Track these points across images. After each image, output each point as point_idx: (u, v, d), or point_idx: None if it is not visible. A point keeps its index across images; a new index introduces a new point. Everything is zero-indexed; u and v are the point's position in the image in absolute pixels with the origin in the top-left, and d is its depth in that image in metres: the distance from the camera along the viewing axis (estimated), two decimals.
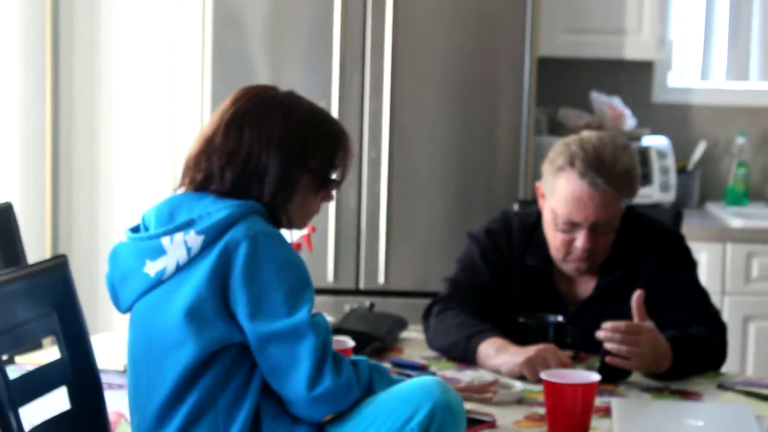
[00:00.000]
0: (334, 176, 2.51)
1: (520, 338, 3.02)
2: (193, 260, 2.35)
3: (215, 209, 2.36)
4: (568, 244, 3.13)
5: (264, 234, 2.34)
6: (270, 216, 2.43)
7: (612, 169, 3.08)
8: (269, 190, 2.41)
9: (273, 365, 2.33)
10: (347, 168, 2.53)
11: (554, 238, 3.16)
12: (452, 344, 3.06)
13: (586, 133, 3.17)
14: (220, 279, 2.32)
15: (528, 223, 3.26)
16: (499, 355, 2.95)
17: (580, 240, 3.11)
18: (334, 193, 2.54)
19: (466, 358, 3.03)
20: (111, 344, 2.99)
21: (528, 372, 2.87)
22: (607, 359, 2.88)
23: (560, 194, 3.10)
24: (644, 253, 3.20)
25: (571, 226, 3.11)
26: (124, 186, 4.70)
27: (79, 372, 2.47)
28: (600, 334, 2.88)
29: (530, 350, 2.91)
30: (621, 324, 2.87)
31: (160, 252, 2.36)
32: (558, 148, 3.14)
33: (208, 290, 2.32)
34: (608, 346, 2.87)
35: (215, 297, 2.32)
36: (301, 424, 2.36)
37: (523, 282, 3.22)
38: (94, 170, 4.71)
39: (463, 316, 3.09)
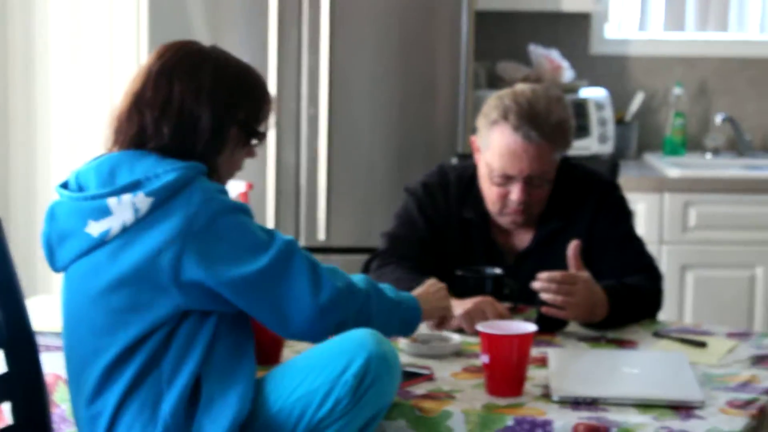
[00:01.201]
0: (260, 128, 2.52)
1: (458, 291, 3.03)
2: (140, 222, 2.33)
3: (163, 171, 2.35)
4: (504, 198, 3.15)
5: (216, 191, 2.35)
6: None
7: (545, 121, 3.09)
8: (202, 141, 2.42)
9: (273, 297, 2.34)
10: (269, 122, 2.56)
11: (490, 192, 3.17)
12: None
13: (520, 86, 3.19)
14: (180, 243, 2.31)
15: (465, 176, 3.27)
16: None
17: (515, 193, 3.12)
18: (256, 149, 2.56)
19: None
20: (47, 306, 2.97)
21: (466, 324, 2.89)
22: (543, 309, 2.90)
23: (495, 148, 3.12)
24: (581, 203, 3.22)
25: (506, 180, 3.13)
26: (61, 146, 4.66)
27: (14, 334, 2.46)
28: (536, 285, 2.90)
29: (467, 303, 2.93)
30: (556, 274, 2.89)
31: (105, 213, 2.34)
32: (492, 102, 3.15)
33: (166, 255, 2.30)
34: (544, 296, 2.89)
35: (169, 262, 2.31)
36: (239, 383, 2.36)
37: (461, 235, 3.24)
38: (30, 130, 4.66)
39: (401, 271, 3.10)
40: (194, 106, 2.42)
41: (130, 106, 2.44)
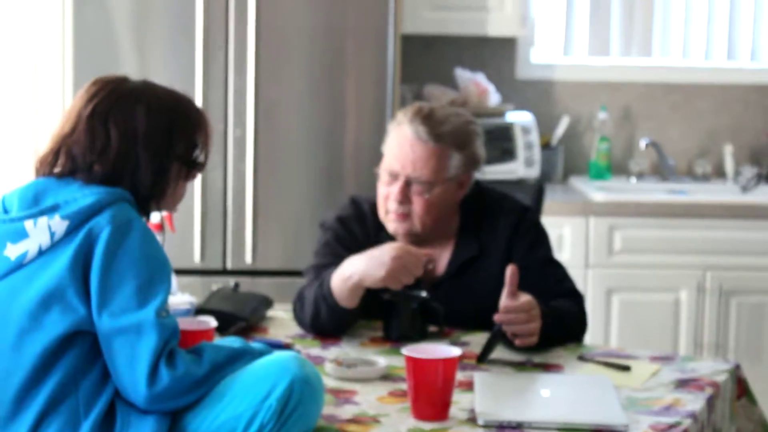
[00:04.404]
0: (199, 158, 2.51)
1: (386, 314, 3.04)
2: (56, 245, 2.32)
3: (81, 195, 2.34)
4: (388, 200, 3.14)
5: (127, 224, 2.32)
6: (139, 203, 2.42)
7: (439, 124, 3.09)
8: (145, 184, 2.41)
9: (114, 359, 2.30)
10: (209, 147, 2.54)
11: (379, 194, 3.17)
12: (315, 305, 3.03)
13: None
14: (82, 264, 2.30)
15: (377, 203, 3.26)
16: (355, 270, 2.95)
17: (393, 191, 3.11)
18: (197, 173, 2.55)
19: (329, 305, 2.99)
20: None
21: (394, 284, 2.90)
22: (518, 342, 2.89)
23: (389, 145, 3.14)
24: (495, 229, 3.21)
25: (392, 178, 3.12)
26: None
27: None
28: (499, 318, 2.87)
29: (386, 259, 2.92)
30: (519, 304, 2.87)
31: (22, 235, 2.32)
32: (402, 110, 3.18)
33: (71, 275, 2.29)
34: (515, 328, 2.87)
35: (77, 282, 2.29)
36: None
37: None
38: None
39: (317, 282, 3.08)
40: (131, 153, 2.40)
41: (57, 148, 2.42)
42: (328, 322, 3.04)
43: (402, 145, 3.09)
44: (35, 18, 4.56)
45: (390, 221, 3.15)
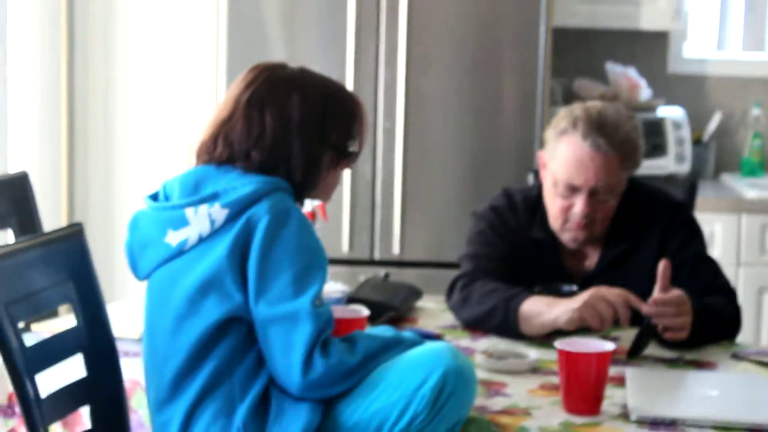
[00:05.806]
0: (352, 147, 2.51)
1: None
2: (215, 233, 2.35)
3: (241, 184, 2.36)
4: (567, 211, 3.10)
5: (285, 213, 2.34)
6: (295, 193, 2.44)
7: (614, 132, 3.05)
8: (299, 172, 2.43)
9: (269, 347, 2.33)
10: (364, 137, 2.54)
11: (553, 205, 3.13)
12: (489, 310, 2.99)
13: (591, 101, 3.18)
14: (240, 253, 2.33)
15: (531, 197, 3.24)
16: (551, 308, 2.89)
17: (579, 205, 3.08)
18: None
19: (507, 321, 2.95)
20: (127, 312, 3.00)
21: (589, 315, 2.82)
22: (667, 335, 2.85)
23: (562, 157, 3.08)
24: (648, 224, 3.17)
25: (571, 191, 3.09)
26: (139, 155, 4.71)
27: (95, 340, 2.48)
28: (648, 310, 2.84)
29: (584, 294, 2.86)
30: (670, 297, 2.84)
31: (183, 222, 2.36)
32: (561, 113, 3.13)
33: (229, 263, 2.32)
34: (665, 321, 2.84)
35: (235, 270, 2.33)
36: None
37: (531, 255, 3.19)
38: (109, 139, 4.72)
39: (493, 284, 3.04)
40: (286, 139, 2.41)
41: (216, 134, 2.45)
42: (492, 329, 3.02)
43: (581, 159, 3.04)
44: (191, 10, 4.64)
45: (569, 230, 3.12)
